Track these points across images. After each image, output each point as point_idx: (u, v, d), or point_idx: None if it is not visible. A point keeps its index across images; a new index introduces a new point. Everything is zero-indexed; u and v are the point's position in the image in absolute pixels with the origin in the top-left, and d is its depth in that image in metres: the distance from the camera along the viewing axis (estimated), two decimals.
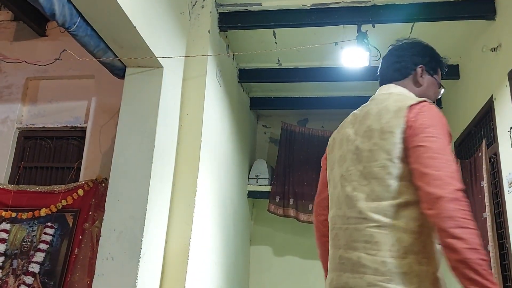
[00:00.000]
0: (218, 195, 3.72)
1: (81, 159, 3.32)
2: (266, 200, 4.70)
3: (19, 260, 3.06)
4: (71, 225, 3.11)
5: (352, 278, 1.38)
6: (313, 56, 3.94)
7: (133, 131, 2.91)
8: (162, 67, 2.96)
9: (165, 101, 2.99)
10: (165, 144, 3.02)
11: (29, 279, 2.95)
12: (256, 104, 4.86)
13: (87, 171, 3.26)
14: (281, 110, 4.94)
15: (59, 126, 3.45)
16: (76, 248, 3.02)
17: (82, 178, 3.25)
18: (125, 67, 2.95)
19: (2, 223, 3.15)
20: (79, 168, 3.31)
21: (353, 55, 3.29)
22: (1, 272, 3.01)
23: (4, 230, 3.13)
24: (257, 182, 4.86)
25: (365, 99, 1.68)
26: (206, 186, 3.36)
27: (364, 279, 1.34)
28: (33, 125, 3.47)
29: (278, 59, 4.10)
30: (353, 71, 3.88)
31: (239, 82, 4.28)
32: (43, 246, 3.05)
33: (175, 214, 3.05)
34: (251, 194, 4.86)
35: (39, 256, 3.02)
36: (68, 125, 3.44)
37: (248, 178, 4.84)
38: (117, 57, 2.81)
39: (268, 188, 4.72)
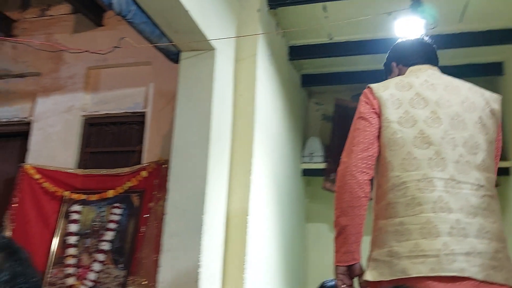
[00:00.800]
0: (273, 174, 3.77)
1: (143, 142, 3.48)
2: (321, 177, 4.70)
3: (91, 239, 3.28)
4: (137, 205, 3.28)
5: (479, 243, 1.44)
6: (365, 28, 3.85)
7: (190, 113, 3.01)
8: (214, 49, 3.02)
9: (218, 83, 3.06)
10: (220, 125, 3.10)
11: (101, 256, 3.17)
12: (308, 81, 4.82)
13: (148, 154, 3.41)
14: (333, 86, 4.88)
15: (120, 112, 3.62)
16: (143, 226, 3.19)
17: (144, 160, 3.41)
18: (180, 51, 3.04)
19: (73, 205, 3.38)
20: (141, 151, 3.47)
21: (407, 25, 3.19)
22: (76, 250, 3.25)
23: (76, 212, 3.36)
24: (311, 160, 4.86)
25: (459, 68, 1.72)
26: (261, 165, 3.41)
27: (491, 245, 1.45)
28: (97, 112, 3.66)
29: (329, 34, 4.03)
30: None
31: (289, 60, 4.27)
32: (112, 225, 3.25)
33: (233, 192, 3.13)
34: (305, 172, 4.87)
35: (109, 235, 3.22)
36: (129, 111, 3.60)
37: (302, 156, 4.86)
38: (172, 42, 2.90)
39: (322, 166, 4.72)
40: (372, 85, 1.72)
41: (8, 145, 3.85)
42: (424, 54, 1.84)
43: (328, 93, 5.10)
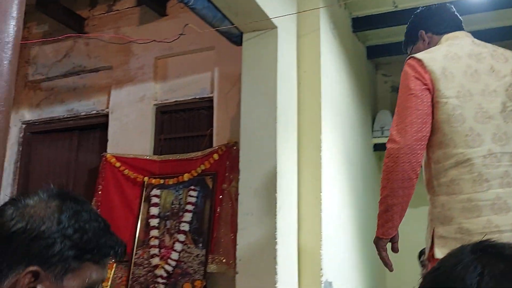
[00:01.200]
0: (344, 150, 3.71)
1: (212, 126, 3.56)
2: None
3: (171, 221, 3.44)
4: (211, 187, 3.39)
5: None
6: None
7: (256, 94, 3.03)
8: (276, 27, 3.00)
9: (282, 61, 3.05)
10: (287, 103, 3.09)
11: (181, 237, 3.32)
12: (373, 53, 4.66)
13: (218, 137, 3.50)
14: (401, 56, 4.66)
15: (188, 98, 3.73)
16: (218, 207, 3.29)
17: (215, 143, 3.50)
18: (242, 33, 3.05)
19: (153, 189, 3.56)
20: (211, 135, 3.56)
21: None
22: (158, 231, 3.43)
23: (156, 196, 3.53)
24: (382, 134, 4.72)
25: (492, 32, 1.62)
26: (331, 141, 3.37)
27: None
28: (167, 100, 3.80)
29: (393, 1, 3.85)
30: (476, 2, 3.49)
31: (353, 32, 4.14)
32: (189, 207, 3.39)
33: (304, 169, 3.13)
34: (377, 147, 4.73)
35: (187, 216, 3.36)
36: (197, 97, 3.70)
37: (372, 130, 4.72)
38: (233, 25, 2.92)
39: None
40: (420, 57, 1.63)
41: (89, 137, 4.11)
42: (453, 20, 1.81)
43: (396, 64, 4.88)
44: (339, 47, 3.72)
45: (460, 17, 1.88)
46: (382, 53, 4.67)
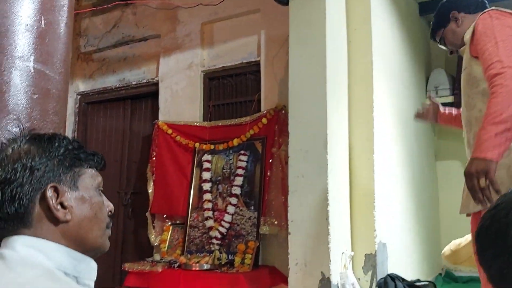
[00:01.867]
0: (397, 110, 3.59)
1: (260, 91, 3.54)
2: None
3: (223, 185, 3.51)
4: (260, 151, 3.40)
5: None
6: None
7: (304, 55, 2.96)
8: None
9: (331, 19, 2.94)
10: (336, 63, 3.01)
11: (233, 200, 3.38)
12: (426, 9, 4.40)
13: (267, 101, 3.48)
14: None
15: (235, 63, 3.71)
16: (268, 171, 3.31)
17: (263, 108, 3.49)
18: None
19: (204, 155, 3.62)
20: (259, 100, 3.55)
21: None
22: (211, 195, 3.51)
23: (207, 161, 3.60)
24: (436, 94, 4.52)
25: None
26: (383, 101, 3.27)
27: None
28: (214, 66, 3.80)
29: None
30: None
31: None
32: (240, 171, 3.43)
33: (355, 131, 3.07)
34: None
35: (238, 180, 3.41)
36: (244, 61, 3.68)
37: (426, 90, 4.54)
38: None
39: (449, 99, 4.35)
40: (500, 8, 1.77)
41: (141, 105, 4.22)
42: (482, 1, 1.90)
43: None
44: (390, 4, 3.55)
45: None
46: (435, 9, 4.42)
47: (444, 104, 4.36)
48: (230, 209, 3.35)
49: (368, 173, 2.99)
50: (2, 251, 0.79)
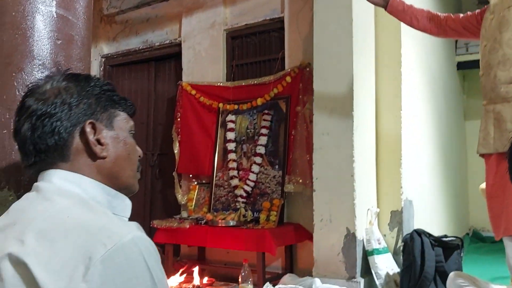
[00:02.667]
0: (425, 67, 3.49)
1: (284, 48, 3.48)
2: (479, 70, 4.20)
3: (247, 145, 3.52)
4: (284, 110, 3.37)
5: None
6: None
7: (329, 10, 2.88)
8: None
9: None
10: (363, 18, 2.91)
11: (258, 159, 3.39)
12: None
13: (290, 59, 3.42)
14: None
15: (259, 21, 3.64)
16: (293, 130, 3.29)
17: (287, 66, 3.43)
18: None
19: (228, 115, 3.62)
20: (283, 58, 3.49)
21: None
22: (235, 155, 3.52)
23: (231, 121, 3.60)
24: (467, 51, 4.37)
25: None
26: (411, 57, 3.17)
27: None
28: (237, 24, 3.74)
29: None
30: None
31: None
32: (264, 131, 3.42)
33: (382, 87, 3.00)
34: (461, 65, 4.41)
35: (263, 140, 3.40)
36: (267, 18, 3.60)
37: (456, 47, 4.38)
38: None
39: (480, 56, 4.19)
40: None
41: (164, 67, 4.22)
42: None
43: None
44: None
45: None
46: None
47: (473, 62, 4.24)
48: (255, 168, 3.36)
49: (396, 130, 2.93)
50: (38, 184, 0.81)
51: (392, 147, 2.90)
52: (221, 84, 3.72)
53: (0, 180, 1.08)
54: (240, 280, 2.62)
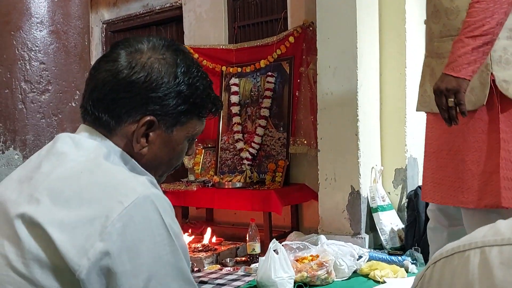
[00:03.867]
0: None
1: (286, 8, 3.42)
2: None
3: (252, 108, 3.51)
4: (288, 72, 3.35)
5: None
6: None
7: None
8: None
9: None
10: None
11: (262, 122, 3.39)
12: None
13: (293, 19, 3.36)
14: None
15: None
16: (297, 91, 3.28)
17: (290, 26, 3.38)
18: None
19: (231, 78, 3.60)
20: (285, 18, 3.43)
21: None
22: (240, 118, 3.53)
23: (235, 84, 3.58)
24: None
25: None
26: (416, 13, 3.10)
27: None
28: None
29: None
30: None
31: None
32: (268, 93, 3.41)
33: (387, 44, 2.95)
34: None
35: (267, 102, 3.40)
36: None
37: None
38: None
39: None
40: None
41: (166, 31, 4.18)
42: None
43: None
44: None
45: None
46: None
47: None
48: (260, 131, 3.37)
49: (400, 88, 2.91)
50: (61, 135, 0.77)
51: (396, 105, 2.89)
52: (223, 47, 3.68)
53: (5, 140, 1.10)
54: (247, 238, 2.68)
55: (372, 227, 2.77)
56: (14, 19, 1.10)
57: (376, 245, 2.76)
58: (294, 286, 2.05)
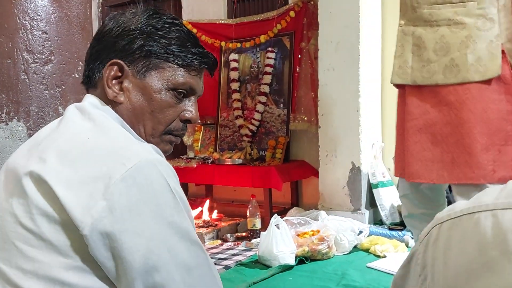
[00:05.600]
0: None
1: None
2: None
3: (251, 84, 3.48)
4: (288, 47, 3.30)
5: None
6: None
7: None
8: None
9: None
10: None
11: (262, 99, 3.37)
12: None
13: None
14: None
15: None
16: (297, 67, 3.24)
17: (290, 0, 3.32)
18: None
19: (231, 54, 3.55)
20: None
21: None
22: (239, 95, 3.50)
23: (234, 60, 3.54)
24: None
25: None
26: None
27: None
28: None
29: None
30: None
31: None
32: (268, 69, 3.37)
33: (389, 19, 2.91)
34: None
35: (267, 78, 3.36)
36: None
37: None
38: None
39: None
40: None
41: (164, 5, 4.09)
42: None
43: None
44: None
45: None
46: None
47: None
48: (260, 107, 3.35)
49: None
50: (69, 106, 0.80)
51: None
52: (222, 21, 3.62)
53: (8, 111, 1.08)
54: (248, 214, 2.69)
55: (372, 203, 2.79)
56: None
57: (376, 220, 2.78)
58: (295, 260, 2.07)
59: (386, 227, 2.59)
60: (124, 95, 0.78)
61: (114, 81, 0.78)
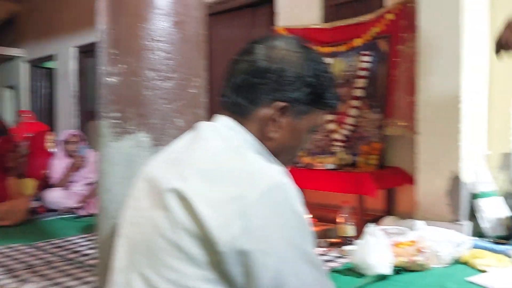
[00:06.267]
0: None
1: None
2: None
3: (344, 88, 3.43)
4: (385, 50, 3.23)
5: None
6: None
7: None
8: None
9: None
10: None
11: (356, 103, 3.32)
12: None
13: None
14: None
15: None
16: (394, 71, 3.16)
17: (388, 2, 3.24)
18: None
19: (325, 58, 3.56)
20: None
21: None
22: None
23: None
24: None
25: None
26: None
27: None
28: None
29: None
30: None
31: None
32: (362, 73, 3.32)
33: (497, 18, 2.73)
34: None
35: (361, 82, 3.32)
36: None
37: None
38: None
39: None
40: None
41: (258, 12, 4.21)
42: None
43: None
44: None
45: None
46: None
47: None
48: (352, 112, 3.31)
49: (511, 66, 2.69)
50: (200, 123, 0.86)
51: (505, 86, 2.68)
52: (318, 26, 3.64)
53: (135, 123, 1.20)
54: (340, 220, 2.68)
55: (473, 214, 2.63)
56: (142, 11, 1.20)
57: (475, 233, 2.63)
58: (393, 270, 2.03)
59: (491, 240, 2.44)
60: (276, 132, 0.84)
61: (274, 120, 0.84)
